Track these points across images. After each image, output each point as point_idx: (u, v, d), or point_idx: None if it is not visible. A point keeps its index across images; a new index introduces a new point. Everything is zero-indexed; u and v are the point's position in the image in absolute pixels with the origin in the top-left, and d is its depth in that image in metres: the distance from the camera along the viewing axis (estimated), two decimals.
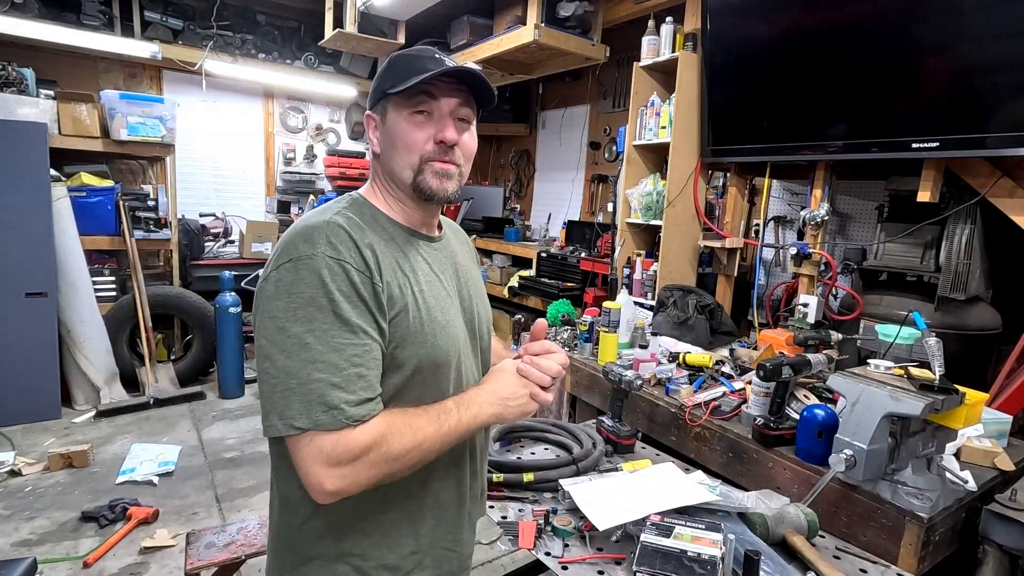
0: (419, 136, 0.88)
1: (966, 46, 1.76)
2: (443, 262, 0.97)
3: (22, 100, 3.53)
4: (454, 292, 0.96)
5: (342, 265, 0.77)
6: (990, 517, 1.34)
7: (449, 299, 0.93)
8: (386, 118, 0.90)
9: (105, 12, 4.09)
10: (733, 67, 2.47)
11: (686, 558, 1.05)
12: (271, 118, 5.21)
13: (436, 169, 0.89)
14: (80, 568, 2.23)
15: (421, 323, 0.85)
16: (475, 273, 1.08)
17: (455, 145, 0.89)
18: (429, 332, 0.86)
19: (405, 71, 0.86)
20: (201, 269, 4.43)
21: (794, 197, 2.79)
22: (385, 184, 0.94)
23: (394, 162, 0.90)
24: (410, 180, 0.89)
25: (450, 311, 0.92)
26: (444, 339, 0.88)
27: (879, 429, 1.31)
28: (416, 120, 0.88)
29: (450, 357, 0.89)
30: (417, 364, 0.85)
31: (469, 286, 1.02)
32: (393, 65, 0.90)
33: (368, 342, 0.78)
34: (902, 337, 1.67)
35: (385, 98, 0.89)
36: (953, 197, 1.99)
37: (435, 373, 0.88)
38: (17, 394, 3.37)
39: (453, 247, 1.03)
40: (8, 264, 3.30)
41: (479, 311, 1.03)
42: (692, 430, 1.83)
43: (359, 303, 0.78)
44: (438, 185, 0.89)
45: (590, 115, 4.67)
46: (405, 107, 0.88)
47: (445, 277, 0.95)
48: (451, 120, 0.89)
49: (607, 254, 3.41)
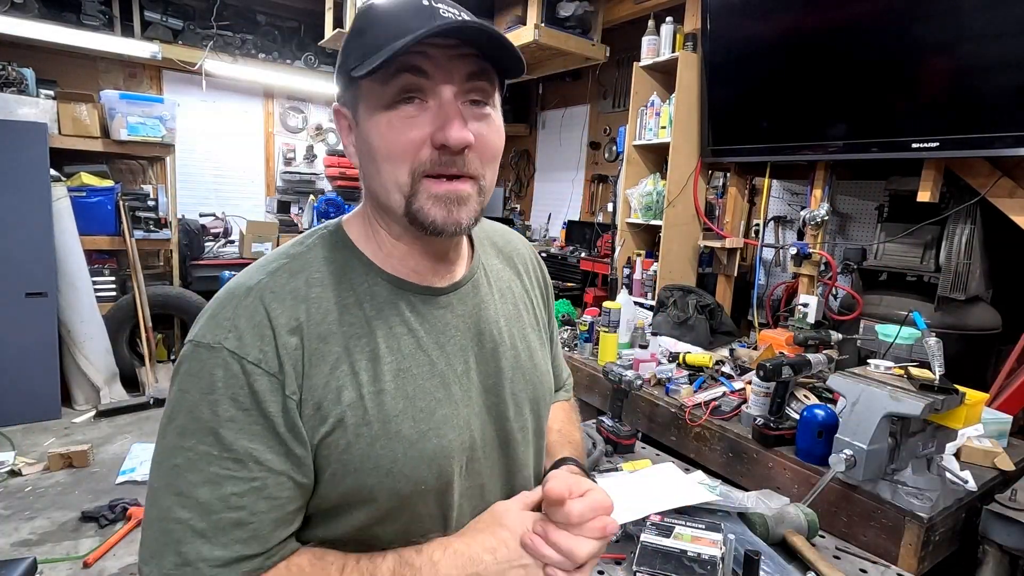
0: (406, 139, 0.57)
1: (966, 46, 1.76)
2: (453, 325, 0.66)
3: (22, 100, 3.53)
4: (463, 372, 0.66)
5: (243, 366, 0.54)
6: (990, 517, 1.34)
7: (444, 389, 0.63)
8: (359, 113, 0.60)
9: (105, 12, 4.09)
10: (733, 67, 2.47)
11: (686, 558, 1.05)
12: (271, 118, 5.21)
13: (435, 193, 0.58)
14: (80, 568, 2.23)
15: (370, 441, 0.57)
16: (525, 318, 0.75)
17: (466, 148, 0.58)
18: (385, 454, 0.58)
19: (378, 36, 0.55)
20: (201, 269, 4.43)
21: (794, 197, 2.79)
22: (372, 209, 0.65)
23: (375, 181, 0.60)
24: (401, 208, 0.59)
25: (437, 412, 0.62)
26: (413, 461, 0.59)
27: (879, 429, 1.31)
28: (401, 114, 0.57)
29: (424, 483, 0.60)
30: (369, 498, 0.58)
31: (503, 353, 0.69)
32: (362, 29, 0.58)
33: (260, 476, 0.54)
34: (902, 337, 1.67)
35: (353, 83, 0.60)
36: (953, 197, 1.99)
37: (405, 503, 0.60)
38: (17, 394, 3.37)
39: (483, 291, 0.71)
40: (8, 264, 3.30)
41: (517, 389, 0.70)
42: (692, 430, 1.83)
43: (258, 421, 0.54)
44: (444, 217, 0.59)
45: (590, 115, 4.67)
46: (382, 96, 0.57)
47: (449, 351, 0.65)
48: (457, 107, 0.57)
49: (607, 254, 3.41)
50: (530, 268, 0.82)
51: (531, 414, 0.72)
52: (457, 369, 0.65)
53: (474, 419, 0.66)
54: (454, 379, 0.65)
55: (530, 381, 0.72)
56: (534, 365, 0.74)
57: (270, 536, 0.55)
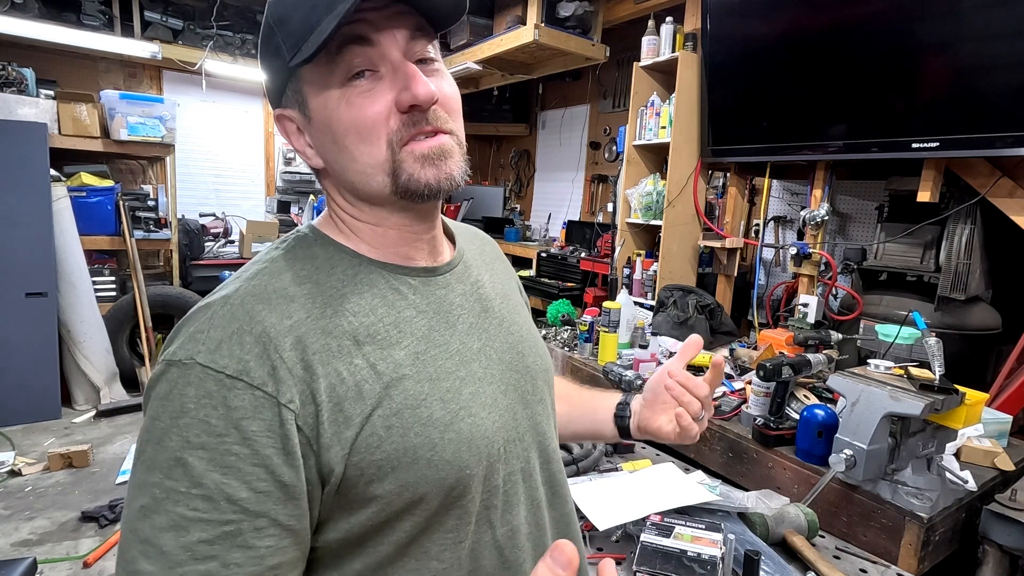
0: (373, 112, 0.53)
1: (966, 46, 1.76)
2: (457, 303, 0.63)
3: (22, 100, 3.53)
4: (475, 350, 0.61)
5: (220, 382, 0.46)
6: (990, 517, 1.34)
7: (464, 367, 0.59)
8: (308, 108, 0.56)
9: (105, 12, 4.09)
10: (733, 67, 2.47)
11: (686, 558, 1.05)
12: (271, 118, 5.20)
13: (421, 152, 0.55)
14: (80, 568, 2.23)
15: (403, 431, 0.52)
16: (512, 297, 0.73)
17: (435, 103, 0.55)
18: (421, 443, 0.52)
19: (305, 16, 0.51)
20: (201, 269, 4.43)
21: (794, 197, 2.79)
22: (346, 205, 0.60)
23: (349, 170, 0.56)
24: (387, 187, 0.56)
25: (464, 390, 0.57)
26: (452, 444, 0.54)
27: (879, 429, 1.31)
28: (357, 90, 0.53)
29: (469, 470, 0.55)
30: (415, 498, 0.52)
31: (508, 326, 0.67)
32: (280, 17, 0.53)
33: (233, 519, 0.45)
34: (902, 337, 1.67)
35: (294, 78, 0.56)
36: (953, 197, 1.99)
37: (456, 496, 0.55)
38: (17, 394, 3.37)
39: (475, 271, 0.69)
40: (8, 264, 3.30)
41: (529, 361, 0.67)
42: None
43: (232, 449, 0.45)
44: (436, 174, 0.55)
45: (590, 115, 4.67)
46: (330, 78, 0.53)
47: (462, 327, 0.61)
48: (410, 67, 0.54)
49: (607, 254, 3.41)
50: (501, 254, 0.82)
51: (545, 385, 0.70)
52: (473, 347, 0.61)
53: (500, 396, 0.61)
54: (472, 357, 0.60)
55: (538, 353, 0.71)
56: (536, 339, 0.72)
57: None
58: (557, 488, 0.68)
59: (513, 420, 0.62)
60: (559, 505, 0.68)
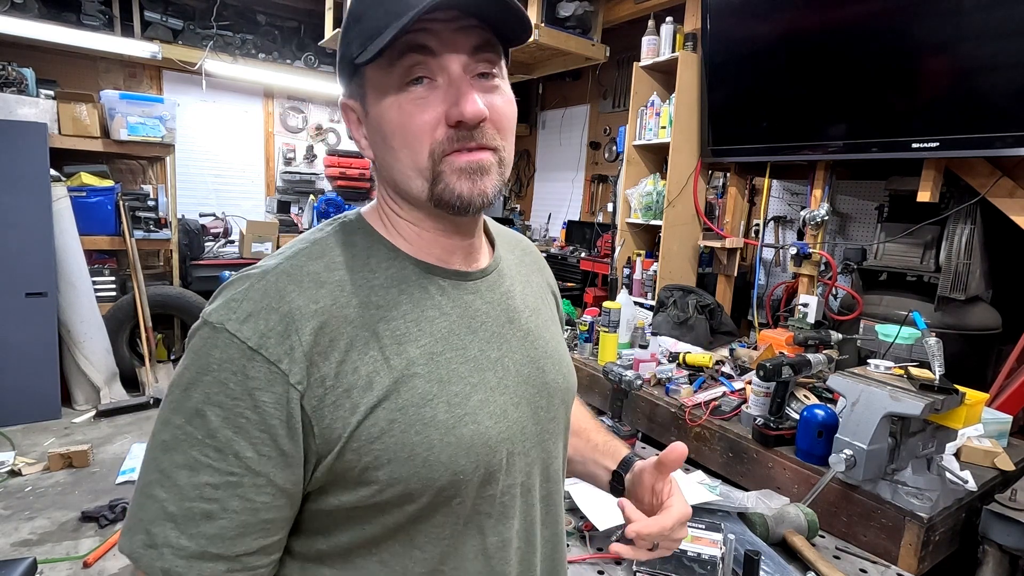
0: (421, 120, 0.55)
1: (966, 46, 1.76)
2: (483, 311, 0.63)
3: (22, 100, 3.53)
4: (497, 358, 0.62)
5: (242, 350, 0.50)
6: (990, 517, 1.34)
7: (478, 374, 0.60)
8: (367, 103, 0.58)
9: (105, 12, 4.09)
10: (733, 67, 2.47)
11: (686, 558, 1.05)
12: (271, 118, 5.20)
13: (460, 165, 0.56)
14: (80, 568, 2.23)
15: (405, 426, 0.54)
16: (544, 312, 0.73)
17: (482, 121, 0.56)
18: (420, 441, 0.54)
19: (377, 18, 0.53)
20: (201, 269, 4.43)
21: (794, 197, 2.79)
22: (389, 200, 0.62)
23: (394, 169, 0.58)
24: (424, 193, 0.57)
25: (473, 397, 0.58)
26: (450, 448, 0.55)
27: (879, 429, 1.31)
28: (411, 96, 0.55)
29: (462, 476, 0.56)
30: (404, 492, 0.54)
31: (533, 341, 0.67)
32: (358, 14, 0.56)
33: (237, 472, 0.50)
34: (902, 337, 1.67)
35: (359, 73, 0.58)
36: (953, 197, 1.99)
37: (446, 498, 0.56)
38: (17, 394, 3.37)
39: (510, 282, 0.69)
40: (8, 264, 3.30)
41: (550, 379, 0.67)
42: (692, 430, 1.83)
43: (244, 413, 0.50)
44: (470, 188, 0.56)
45: (590, 115, 4.67)
46: (389, 80, 0.55)
47: (480, 337, 0.62)
48: (468, 82, 0.55)
49: (607, 254, 3.41)
50: (542, 266, 0.82)
51: (562, 405, 0.69)
52: (491, 356, 0.62)
53: (511, 408, 0.62)
54: (488, 365, 0.61)
55: (560, 372, 0.70)
56: (561, 356, 0.71)
57: (235, 541, 0.51)
58: (552, 508, 0.69)
59: (521, 434, 0.62)
60: (551, 524, 0.69)
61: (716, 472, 1.67)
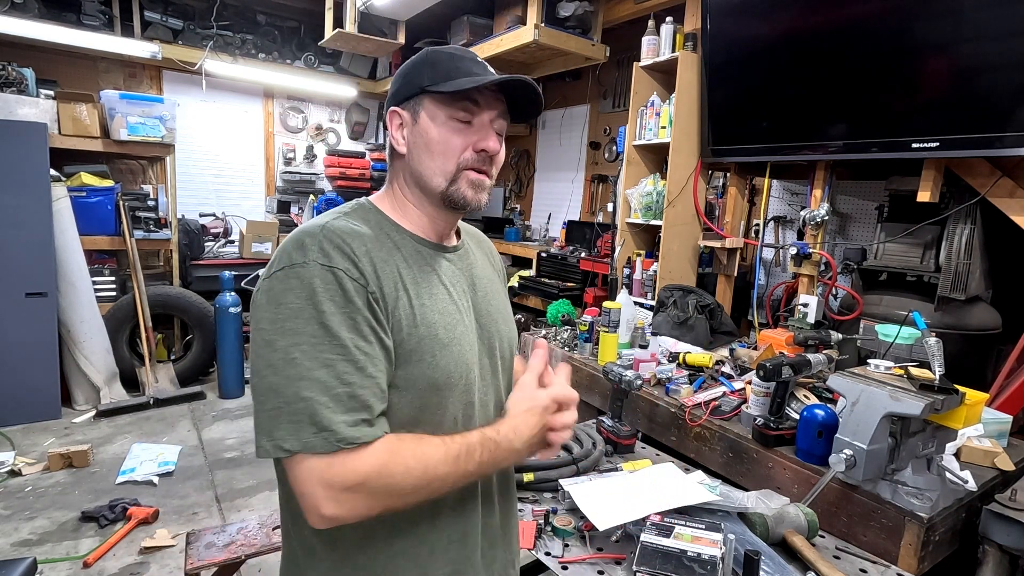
0: (459, 142, 0.83)
1: (966, 46, 1.76)
2: (456, 274, 0.89)
3: (22, 100, 3.53)
4: (467, 308, 0.88)
5: (334, 273, 0.71)
6: (990, 517, 1.34)
7: (459, 315, 0.84)
8: (419, 117, 0.84)
9: (105, 12, 4.10)
10: (733, 67, 2.47)
11: (686, 558, 1.05)
12: (271, 118, 5.21)
13: (472, 179, 0.84)
14: (80, 568, 2.23)
15: (419, 340, 0.77)
16: (497, 287, 1.00)
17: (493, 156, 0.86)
18: (428, 351, 0.78)
19: (448, 70, 0.82)
20: (201, 269, 4.43)
21: (794, 197, 2.79)
22: (406, 188, 0.88)
23: (424, 166, 0.84)
24: (442, 188, 0.84)
25: (457, 328, 0.83)
26: (446, 359, 0.79)
27: (879, 429, 1.31)
28: (456, 126, 0.83)
29: (453, 379, 0.81)
30: (413, 385, 0.77)
31: (489, 301, 0.93)
32: (432, 61, 0.84)
33: (361, 358, 0.71)
34: (902, 337, 1.67)
35: (421, 95, 0.83)
36: (953, 197, 1.99)
37: (436, 395, 0.79)
38: (17, 394, 3.37)
39: (472, 258, 0.95)
40: (8, 264, 3.30)
41: (499, 328, 0.93)
42: (692, 430, 1.83)
43: (353, 315, 0.71)
44: (472, 196, 0.85)
45: (590, 115, 4.67)
46: (446, 110, 0.82)
47: (457, 291, 0.87)
48: (492, 129, 0.85)
49: (607, 254, 3.41)
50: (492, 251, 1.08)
51: (508, 348, 0.96)
52: (463, 304, 0.87)
53: (476, 343, 0.87)
54: (464, 309, 0.86)
55: (508, 324, 0.97)
56: (508, 316, 0.98)
57: (375, 406, 0.72)
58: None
59: (480, 362, 0.88)
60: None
61: (716, 472, 1.67)
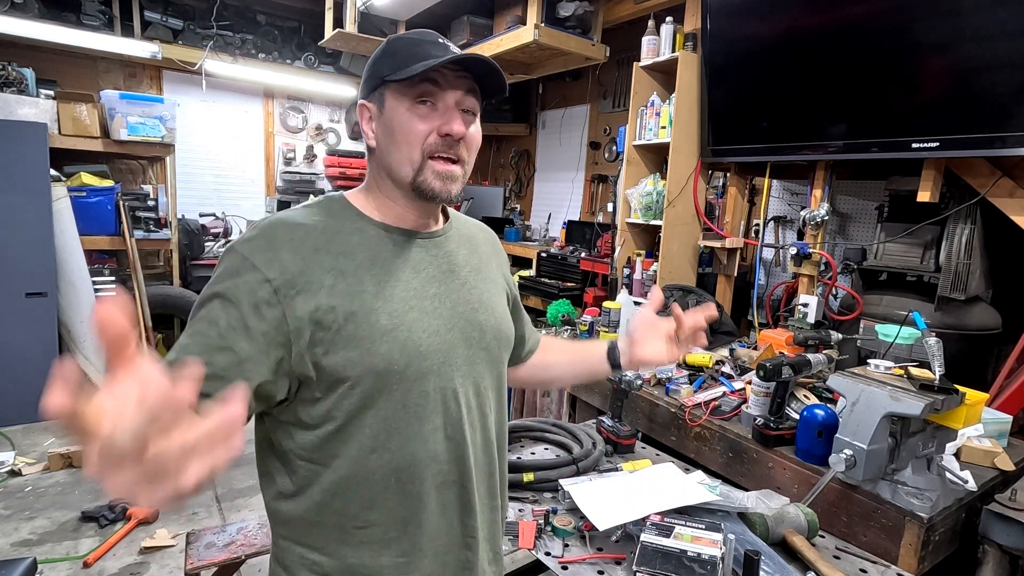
0: (421, 127, 0.80)
1: (966, 46, 1.76)
2: (427, 261, 0.86)
3: (22, 100, 3.53)
4: (435, 294, 0.85)
5: (243, 261, 0.74)
6: (990, 517, 1.34)
7: (415, 300, 0.82)
8: (384, 107, 0.82)
9: (105, 12, 4.09)
10: (733, 67, 2.47)
11: (686, 558, 1.05)
12: (271, 118, 5.21)
13: (438, 170, 0.81)
14: (80, 568, 2.23)
15: (356, 325, 0.76)
16: (486, 275, 0.96)
17: (461, 139, 0.82)
18: (366, 336, 0.76)
19: (406, 57, 0.79)
20: (201, 269, 4.43)
21: (794, 197, 2.79)
22: (380, 180, 0.86)
23: (392, 156, 0.82)
24: (410, 178, 0.81)
25: (409, 315, 0.80)
26: (387, 345, 0.77)
27: (879, 429, 1.31)
28: (419, 111, 0.80)
29: (395, 365, 0.77)
30: (352, 372, 0.76)
31: (469, 290, 0.90)
32: (392, 50, 0.82)
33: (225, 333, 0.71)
34: (902, 337, 1.67)
35: (383, 85, 0.82)
36: (953, 197, 1.99)
37: (378, 381, 0.77)
38: (17, 394, 3.37)
39: (453, 246, 0.92)
40: (8, 264, 3.30)
41: (479, 319, 0.89)
42: (692, 430, 1.83)
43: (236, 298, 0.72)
44: (440, 187, 0.82)
45: (590, 115, 4.67)
46: (406, 96, 0.80)
47: (422, 277, 0.85)
48: (457, 112, 0.81)
49: (607, 254, 3.41)
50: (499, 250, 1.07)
51: (494, 340, 0.92)
52: (430, 291, 0.85)
53: (444, 331, 0.84)
54: (426, 295, 0.84)
55: (493, 315, 0.92)
56: (494, 305, 0.94)
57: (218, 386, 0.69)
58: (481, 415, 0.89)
59: (452, 351, 0.84)
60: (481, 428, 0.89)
61: (716, 472, 1.67)
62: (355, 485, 0.79)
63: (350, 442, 0.78)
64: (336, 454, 0.78)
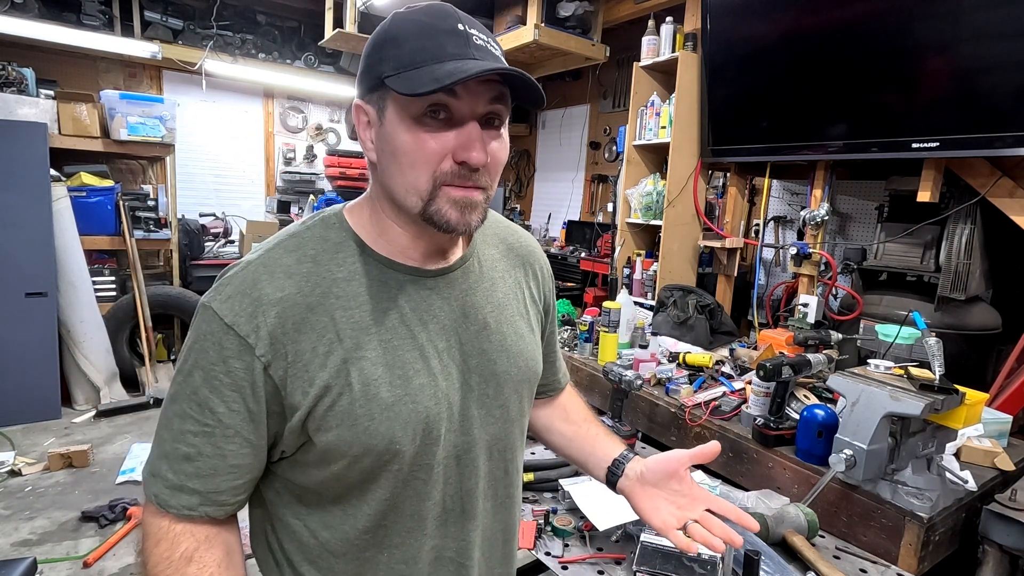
0: (431, 148, 0.61)
1: (966, 46, 1.76)
2: (436, 306, 0.70)
3: (22, 100, 3.53)
4: (440, 349, 0.70)
5: (221, 325, 0.62)
6: (990, 517, 1.34)
7: (422, 362, 0.68)
8: (384, 117, 0.63)
9: (105, 12, 4.09)
10: (733, 67, 2.47)
11: (686, 558, 1.05)
12: (271, 118, 5.20)
13: (455, 198, 0.63)
14: (80, 568, 2.23)
15: (351, 401, 0.63)
16: (512, 311, 0.79)
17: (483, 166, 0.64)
18: (364, 414, 0.64)
19: (413, 52, 0.59)
20: (201, 269, 4.43)
21: (794, 197, 2.79)
22: (383, 200, 0.68)
23: (394, 181, 0.64)
24: (418, 208, 0.64)
25: (414, 381, 0.67)
26: (388, 422, 0.64)
27: (879, 429, 1.31)
28: (428, 125, 0.61)
29: (398, 444, 0.65)
30: (349, 453, 0.64)
31: (488, 336, 0.74)
32: (395, 37, 0.61)
33: (211, 424, 0.62)
34: (902, 337, 1.67)
35: (382, 86, 0.61)
36: (953, 197, 1.99)
37: (375, 461, 0.65)
38: (17, 394, 3.37)
39: (471, 281, 0.75)
40: (8, 264, 3.30)
41: (501, 369, 0.75)
42: (692, 430, 1.83)
43: (219, 376, 0.62)
44: (458, 218, 0.64)
45: (590, 115, 4.67)
46: (412, 106, 0.61)
47: (432, 330, 0.69)
48: (479, 132, 0.62)
49: (607, 254, 3.41)
50: (530, 261, 0.86)
51: (514, 393, 0.77)
52: (439, 345, 0.70)
53: (453, 392, 0.70)
54: (434, 354, 0.69)
55: (515, 364, 0.76)
56: (520, 349, 0.78)
57: (208, 479, 0.64)
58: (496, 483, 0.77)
59: (461, 415, 0.71)
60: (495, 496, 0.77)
61: (716, 472, 1.67)
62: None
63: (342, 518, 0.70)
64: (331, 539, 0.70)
